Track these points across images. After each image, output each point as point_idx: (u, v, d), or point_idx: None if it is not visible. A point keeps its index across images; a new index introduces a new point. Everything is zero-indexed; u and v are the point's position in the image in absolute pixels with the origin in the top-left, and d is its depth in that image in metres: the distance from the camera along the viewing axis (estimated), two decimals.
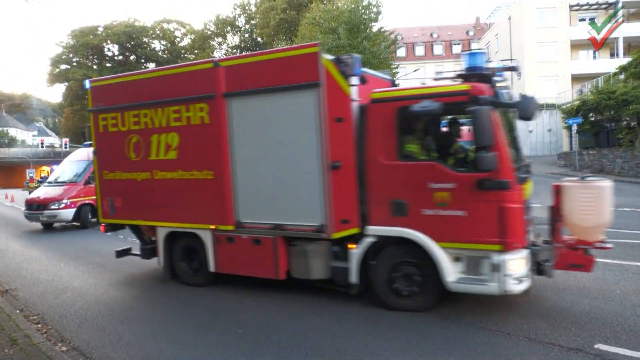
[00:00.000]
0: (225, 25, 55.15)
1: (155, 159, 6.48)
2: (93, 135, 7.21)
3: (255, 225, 5.82)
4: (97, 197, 7.30)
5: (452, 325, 4.76)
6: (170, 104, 6.24)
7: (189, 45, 61.63)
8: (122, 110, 6.73)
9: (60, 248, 10.50)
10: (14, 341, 4.63)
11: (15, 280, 7.52)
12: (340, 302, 5.65)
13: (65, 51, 62.05)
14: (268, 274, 5.79)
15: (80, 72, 58.53)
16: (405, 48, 59.04)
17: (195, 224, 6.28)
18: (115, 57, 65.23)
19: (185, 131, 6.18)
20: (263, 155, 5.71)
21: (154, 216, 6.70)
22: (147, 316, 5.48)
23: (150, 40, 65.20)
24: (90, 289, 6.81)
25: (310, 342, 4.49)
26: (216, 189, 6.00)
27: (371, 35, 29.29)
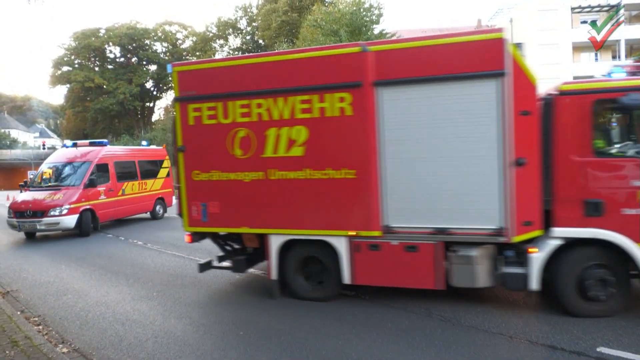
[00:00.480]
0: (227, 28, 55.22)
1: (273, 156, 5.62)
2: (179, 128, 6.25)
3: (411, 231, 5.19)
4: (181, 202, 6.31)
5: (453, 328, 4.75)
6: (297, 92, 5.45)
7: (191, 47, 61.71)
8: (225, 100, 5.80)
9: (62, 250, 10.50)
10: (14, 343, 4.63)
11: (17, 282, 7.51)
12: (342, 304, 5.64)
13: (67, 53, 62.19)
14: (425, 283, 5.19)
15: (81, 74, 58.69)
16: None
17: (326, 230, 5.48)
18: (117, 59, 65.36)
19: (317, 124, 5.40)
20: (424, 152, 5.08)
21: (266, 222, 5.78)
22: (148, 318, 5.47)
23: (152, 43, 65.32)
24: (91, 290, 6.81)
25: (312, 345, 4.48)
26: (359, 190, 5.30)
27: (373, 37, 29.30)
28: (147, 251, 9.84)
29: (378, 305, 5.57)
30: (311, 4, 37.07)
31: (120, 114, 63.30)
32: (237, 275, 7.33)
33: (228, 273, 7.46)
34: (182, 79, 6.14)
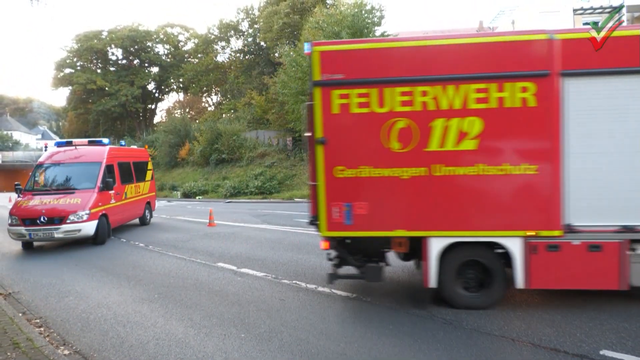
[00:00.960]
0: (229, 30, 55.33)
1: (438, 150, 5.13)
2: (319, 117, 5.40)
3: (595, 229, 4.97)
4: (317, 202, 5.53)
5: (455, 331, 4.73)
6: (471, 80, 5.05)
7: (193, 49, 61.83)
8: (381, 86, 5.23)
9: (64, 252, 10.49)
10: (16, 344, 4.62)
11: (19, 284, 7.51)
12: (344, 307, 5.63)
13: (69, 55, 62.36)
14: (609, 284, 5.00)
15: (83, 76, 58.84)
16: None
17: (498, 230, 5.11)
18: (119, 61, 65.49)
19: (494, 115, 5.02)
20: (612, 147, 4.89)
21: (427, 224, 5.27)
22: (149, 320, 5.46)
23: (154, 45, 65.47)
24: (92, 292, 6.80)
25: (313, 346, 4.46)
26: (540, 187, 5.00)
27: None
28: (149, 253, 9.84)
29: (380, 307, 5.55)
30: (313, 6, 37.12)
31: (122, 116, 63.45)
32: (237, 277, 7.35)
33: (228, 275, 7.49)
34: (325, 61, 5.36)
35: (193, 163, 41.95)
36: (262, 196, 29.11)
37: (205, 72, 57.00)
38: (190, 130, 44.63)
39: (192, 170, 41.22)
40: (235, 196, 30.62)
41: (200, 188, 34.47)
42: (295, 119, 32.28)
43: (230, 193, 31.27)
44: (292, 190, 28.78)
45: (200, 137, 40.45)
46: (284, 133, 36.82)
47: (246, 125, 41.89)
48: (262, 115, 40.92)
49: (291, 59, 31.96)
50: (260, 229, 13.18)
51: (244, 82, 50.43)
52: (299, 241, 10.69)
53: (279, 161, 34.93)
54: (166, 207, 24.96)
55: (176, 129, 45.42)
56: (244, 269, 7.86)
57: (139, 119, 67.45)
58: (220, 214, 18.06)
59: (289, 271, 7.58)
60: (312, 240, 10.80)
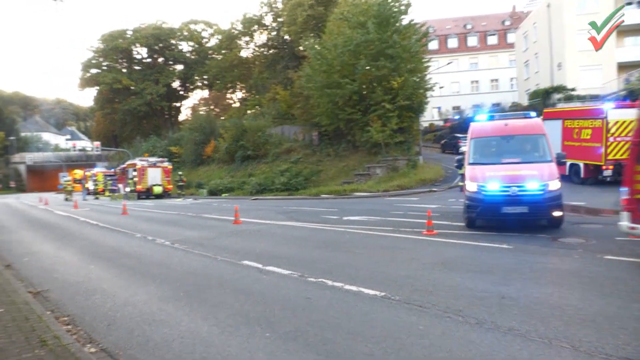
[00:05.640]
0: (252, 24, 55.36)
1: None
2: None
3: None
4: None
5: (489, 332, 4.51)
6: None
7: (216, 45, 62.22)
8: None
9: (91, 250, 10.66)
10: (44, 342, 4.63)
11: (48, 282, 7.62)
12: (372, 306, 5.47)
13: (95, 55, 63.63)
14: None
15: (109, 76, 60.01)
16: (437, 41, 58.17)
17: None
18: (144, 59, 66.50)
19: None
20: None
21: None
22: (175, 318, 5.42)
23: (178, 42, 66.20)
24: (119, 291, 6.83)
25: (339, 347, 4.32)
26: None
27: (401, 28, 28.83)
28: (174, 251, 9.88)
29: (409, 306, 5.37)
30: None
31: (148, 115, 64.52)
32: (263, 275, 7.28)
33: (253, 273, 7.43)
34: None
35: (219, 160, 42.25)
36: (288, 193, 29.09)
37: (229, 68, 57.28)
38: (215, 128, 44.96)
39: (217, 168, 41.55)
40: (261, 193, 30.70)
41: (226, 185, 34.70)
42: (320, 113, 32.12)
43: (256, 190, 31.36)
44: (318, 187, 28.66)
45: (226, 134, 40.67)
46: (310, 128, 36.68)
47: (271, 120, 41.90)
48: (287, 110, 40.86)
49: (316, 52, 31.72)
50: (286, 226, 13.13)
51: (269, 77, 50.46)
52: (326, 238, 10.57)
53: (305, 157, 34.82)
54: (192, 205, 25.24)
55: (201, 126, 45.85)
56: (269, 266, 7.78)
57: (165, 117, 68.41)
58: (245, 211, 18.11)
59: (315, 269, 7.46)
60: (339, 237, 10.67)
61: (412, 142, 31.27)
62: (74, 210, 24.24)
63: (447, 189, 23.32)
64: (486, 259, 7.58)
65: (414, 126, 31.19)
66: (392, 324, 4.84)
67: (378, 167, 28.21)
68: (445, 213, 13.83)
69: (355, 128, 30.45)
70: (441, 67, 37.25)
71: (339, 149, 33.16)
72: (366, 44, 28.56)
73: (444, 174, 27.61)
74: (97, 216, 20.22)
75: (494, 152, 11.04)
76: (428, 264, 7.40)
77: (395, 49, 27.75)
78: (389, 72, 27.95)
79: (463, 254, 8.13)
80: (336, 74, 29.82)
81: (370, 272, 7.05)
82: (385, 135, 27.92)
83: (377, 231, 11.11)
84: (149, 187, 36.07)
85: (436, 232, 10.26)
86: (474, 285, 6.08)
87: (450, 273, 6.80)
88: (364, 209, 16.69)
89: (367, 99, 30.09)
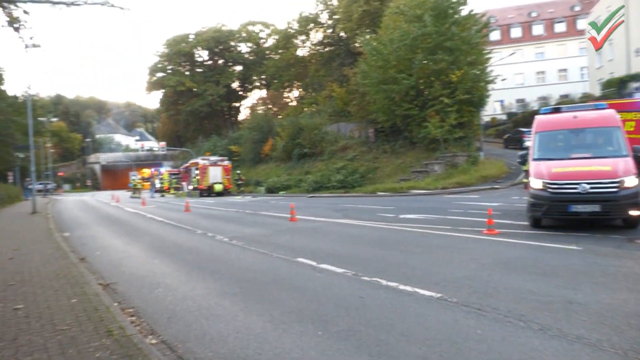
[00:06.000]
0: (308, 23, 55.79)
1: None
2: None
3: None
4: None
5: (554, 340, 4.22)
6: None
7: (273, 45, 63.32)
8: None
9: (155, 245, 11.19)
10: (110, 332, 4.88)
11: (116, 275, 8.07)
12: (427, 307, 5.31)
13: (161, 60, 66.80)
14: None
15: (174, 79, 62.78)
16: (499, 31, 55.81)
17: None
18: (205, 62, 68.92)
19: None
20: None
21: None
22: (230, 313, 5.55)
23: (237, 44, 68.03)
24: (180, 285, 7.10)
25: (393, 349, 4.22)
26: None
27: (460, 19, 27.86)
28: (232, 247, 10.14)
29: (466, 309, 5.15)
30: None
31: (209, 115, 66.91)
32: (317, 273, 7.29)
33: (307, 270, 7.45)
34: None
35: (276, 158, 43.01)
36: (344, 190, 29.08)
37: (286, 67, 58.09)
38: (272, 126, 45.80)
39: (275, 166, 42.32)
40: (318, 191, 30.88)
41: (283, 183, 35.25)
42: (376, 109, 31.79)
43: (312, 188, 31.60)
44: (375, 184, 28.39)
45: (283, 133, 41.31)
46: (366, 125, 36.44)
47: (327, 118, 42.08)
48: (343, 108, 40.84)
49: (371, 48, 31.40)
50: (341, 224, 13.10)
51: (324, 75, 50.68)
52: (381, 236, 10.43)
53: (361, 154, 34.64)
54: (251, 203, 25.85)
55: (259, 125, 46.87)
56: (323, 264, 7.78)
57: (225, 117, 70.60)
58: (302, 208, 18.30)
59: (370, 268, 7.37)
60: (394, 235, 10.50)
61: (472, 138, 30.21)
62: (142, 208, 25.60)
63: (510, 186, 22.30)
64: (552, 261, 7.14)
65: (475, 121, 30.09)
66: (448, 327, 4.67)
67: (436, 163, 27.50)
68: (507, 211, 13.22)
69: (413, 124, 29.85)
70: (504, 58, 35.62)
71: (395, 145, 32.67)
72: (423, 38, 27.89)
73: (507, 170, 26.43)
74: (162, 213, 21.22)
75: (562, 146, 10.38)
76: (488, 265, 7.08)
77: (454, 41, 26.88)
78: (447, 66, 27.13)
79: (526, 254, 7.71)
80: (392, 69, 29.37)
81: (426, 272, 6.86)
82: (444, 131, 27.15)
83: (434, 230, 10.82)
84: (210, 185, 37.39)
85: (497, 232, 9.82)
86: (538, 288, 5.74)
87: (511, 275, 6.46)
88: (421, 207, 16.32)
89: (424, 93, 29.40)
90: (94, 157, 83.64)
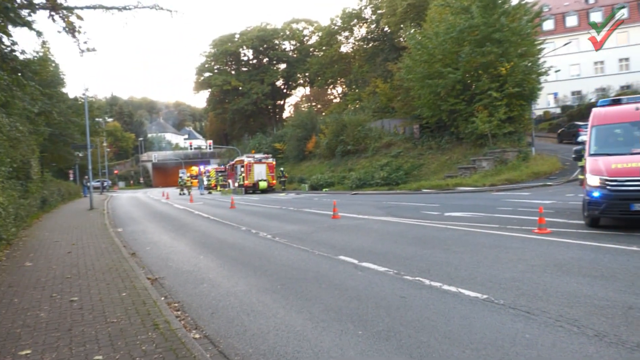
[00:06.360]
0: (352, 19, 55.55)
1: None
2: None
3: None
4: None
5: (611, 347, 3.96)
6: None
7: (317, 42, 63.50)
8: None
9: (201, 241, 11.48)
10: (156, 325, 5.03)
11: (163, 270, 8.33)
12: (472, 309, 5.12)
13: (207, 60, 68.51)
14: None
15: (220, 78, 64.23)
16: (553, 20, 53.25)
17: None
18: (250, 61, 70.06)
19: None
20: None
21: None
22: (271, 310, 5.58)
23: (280, 42, 68.75)
24: (223, 281, 7.23)
25: (435, 352, 4.09)
26: None
27: (510, 9, 26.80)
28: (275, 244, 10.23)
29: (514, 312, 4.93)
30: None
31: (254, 113, 68.08)
32: (358, 271, 7.22)
33: (349, 268, 7.39)
34: None
35: (320, 155, 43.14)
36: (388, 187, 28.78)
37: (329, 64, 58.13)
38: (316, 123, 45.97)
39: (319, 163, 42.47)
40: (361, 188, 30.73)
41: (326, 180, 35.31)
42: (421, 104, 31.21)
43: (355, 185, 31.48)
44: (419, 181, 27.93)
45: (326, 130, 41.37)
46: (410, 121, 35.89)
47: (371, 114, 41.79)
48: (387, 104, 40.43)
49: (416, 42, 30.83)
50: (384, 222, 12.94)
51: (368, 71, 50.34)
52: (424, 235, 10.21)
53: (406, 150, 34.15)
54: (294, 200, 26.06)
55: (303, 122, 47.15)
56: (365, 262, 7.70)
57: (270, 115, 71.55)
58: (344, 205, 18.24)
59: (412, 267, 7.22)
60: (438, 233, 10.25)
61: (522, 132, 29.09)
62: (190, 204, 26.39)
63: (564, 182, 21.28)
64: (609, 263, 6.72)
65: (525, 115, 28.92)
66: (495, 330, 4.48)
67: (484, 159, 26.66)
68: (561, 210, 12.60)
69: (459, 119, 29.09)
70: (558, 48, 33.96)
71: (441, 141, 31.96)
72: (470, 30, 27.06)
73: (561, 166, 25.26)
74: (209, 209, 21.78)
75: (622, 141, 9.75)
76: (538, 266, 6.76)
77: (503, 32, 25.91)
78: (496, 58, 26.21)
79: (581, 255, 7.30)
80: (438, 63, 28.71)
81: (472, 273, 6.63)
82: (492, 126, 26.29)
83: (480, 228, 10.47)
84: (255, 182, 38.01)
85: (549, 231, 9.37)
86: (593, 292, 5.41)
87: (564, 277, 6.13)
88: (468, 205, 15.85)
89: (471, 87, 28.56)
90: (146, 156, 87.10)
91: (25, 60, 11.66)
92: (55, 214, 21.58)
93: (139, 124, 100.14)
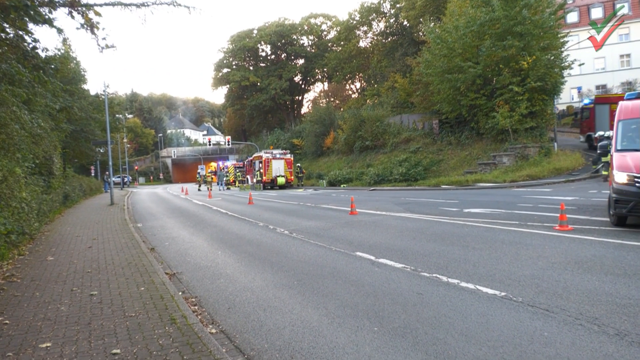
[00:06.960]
0: (370, 13, 55.14)
1: None
2: None
3: None
4: None
5: (632, 347, 3.86)
6: None
7: (335, 37, 63.26)
8: None
9: (219, 237, 11.58)
10: (173, 320, 5.10)
11: (181, 265, 8.44)
12: (490, 306, 5.05)
13: (226, 56, 68.82)
14: None
15: (238, 74, 64.50)
16: (577, 12, 51.92)
17: None
18: (268, 56, 70.18)
19: None
20: None
21: None
22: (287, 306, 5.60)
23: (299, 37, 68.67)
24: (240, 276, 7.28)
25: (451, 349, 4.05)
26: None
27: (532, 2, 26.24)
28: (292, 240, 10.26)
29: (532, 309, 4.84)
30: None
31: (272, 109, 68.28)
32: (375, 267, 7.19)
33: (365, 264, 7.36)
34: None
35: (338, 151, 43.05)
36: (406, 183, 28.57)
37: (348, 59, 57.87)
38: (334, 119, 45.85)
39: (337, 159, 42.39)
40: (379, 184, 30.59)
41: (344, 176, 35.24)
42: (441, 99, 30.86)
43: (374, 181, 31.36)
44: (438, 177, 27.66)
45: (344, 125, 41.24)
46: (429, 116, 35.54)
47: (389, 110, 41.51)
48: (405, 99, 40.07)
49: (436, 36, 30.44)
50: (402, 218, 12.86)
51: (387, 66, 49.94)
52: (442, 231, 10.11)
53: (425, 146, 33.85)
54: (312, 196, 26.07)
55: (321, 118, 47.07)
56: (382, 259, 7.66)
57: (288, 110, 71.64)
58: (362, 202, 18.19)
59: (430, 263, 7.15)
60: (457, 230, 10.14)
61: (544, 128, 28.53)
62: (208, 200, 26.66)
63: (587, 178, 20.81)
64: (633, 261, 6.54)
65: (548, 110, 28.33)
66: (512, 327, 4.41)
67: (505, 155, 26.24)
68: (583, 206, 12.33)
69: (479, 114, 28.68)
70: (582, 41, 33.11)
71: (460, 137, 31.57)
72: (491, 23, 26.61)
73: (584, 162, 24.70)
74: (227, 205, 21.96)
75: None
76: (558, 264, 6.62)
77: (525, 25, 25.39)
78: (517, 52, 25.73)
79: (603, 253, 7.13)
80: (458, 58, 28.31)
81: (490, 270, 6.54)
82: (514, 121, 25.85)
83: (500, 225, 10.31)
84: (273, 178, 38.17)
85: (571, 228, 9.17)
86: (615, 290, 5.28)
87: (585, 275, 6.00)
88: (488, 201, 15.63)
89: (492, 82, 28.12)
90: (165, 152, 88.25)
91: (47, 57, 11.88)
92: (76, 209, 22.05)
93: (158, 120, 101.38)
